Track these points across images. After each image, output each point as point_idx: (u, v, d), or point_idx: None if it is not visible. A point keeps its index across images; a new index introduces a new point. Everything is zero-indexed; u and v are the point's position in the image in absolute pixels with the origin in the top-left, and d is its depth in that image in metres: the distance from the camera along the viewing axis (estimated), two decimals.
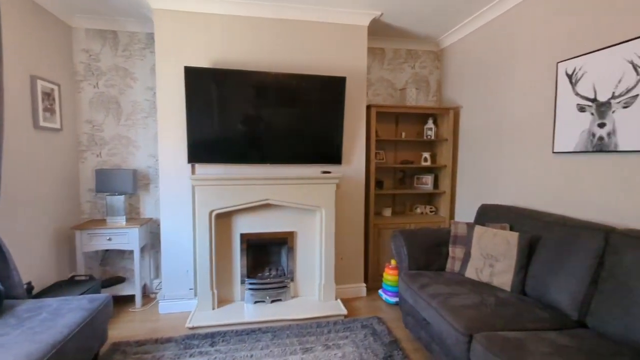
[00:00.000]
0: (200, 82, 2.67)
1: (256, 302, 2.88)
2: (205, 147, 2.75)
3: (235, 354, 2.23)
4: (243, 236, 2.93)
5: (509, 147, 2.75)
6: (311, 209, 2.94)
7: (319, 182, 2.89)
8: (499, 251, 2.18)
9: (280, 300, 2.94)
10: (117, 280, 3.12)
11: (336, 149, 2.98)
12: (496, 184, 2.91)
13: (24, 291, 2.08)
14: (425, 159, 3.55)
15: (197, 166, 2.87)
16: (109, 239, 2.87)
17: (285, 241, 3.05)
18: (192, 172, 2.86)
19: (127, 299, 3.06)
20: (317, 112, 2.90)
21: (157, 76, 2.76)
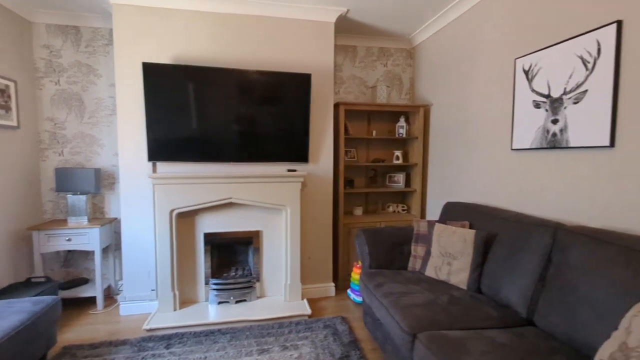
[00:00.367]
0: (159, 78, 2.61)
1: (220, 302, 2.83)
2: (165, 145, 2.69)
3: (189, 355, 2.18)
4: (207, 236, 2.87)
5: (474, 144, 2.73)
6: (276, 207, 2.90)
7: (283, 180, 2.84)
8: (456, 249, 2.16)
9: (245, 300, 2.89)
10: (80, 282, 3.04)
11: (302, 147, 2.93)
12: (462, 181, 2.89)
13: None
14: (397, 157, 3.52)
15: (159, 165, 2.81)
16: (69, 240, 2.79)
17: (251, 241, 3.00)
18: (154, 170, 2.80)
19: (89, 300, 2.99)
20: (283, 109, 2.85)
21: (116, 72, 2.69)
